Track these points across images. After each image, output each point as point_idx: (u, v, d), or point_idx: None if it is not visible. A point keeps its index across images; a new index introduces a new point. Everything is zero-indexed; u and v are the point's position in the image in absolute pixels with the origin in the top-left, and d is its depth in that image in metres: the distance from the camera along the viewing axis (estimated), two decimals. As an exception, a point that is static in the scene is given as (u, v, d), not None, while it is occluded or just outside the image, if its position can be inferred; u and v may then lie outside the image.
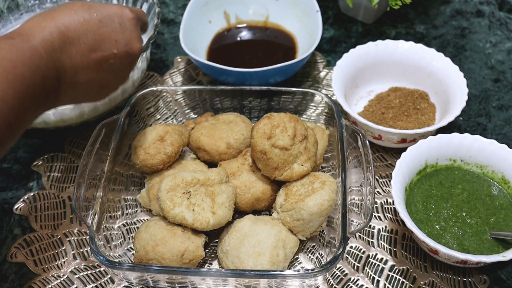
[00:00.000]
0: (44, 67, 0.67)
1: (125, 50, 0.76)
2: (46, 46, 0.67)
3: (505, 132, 1.04)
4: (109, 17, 0.74)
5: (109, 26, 0.74)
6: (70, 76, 0.71)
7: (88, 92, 0.76)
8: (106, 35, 0.73)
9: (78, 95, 0.75)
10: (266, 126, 0.81)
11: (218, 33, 1.20)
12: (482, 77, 1.14)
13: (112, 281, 0.84)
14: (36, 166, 0.99)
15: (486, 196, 0.87)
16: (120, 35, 0.75)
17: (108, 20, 0.74)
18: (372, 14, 1.23)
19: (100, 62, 0.74)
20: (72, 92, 0.73)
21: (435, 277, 0.83)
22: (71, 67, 0.71)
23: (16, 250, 0.88)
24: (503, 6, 1.30)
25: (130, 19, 0.76)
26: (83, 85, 0.74)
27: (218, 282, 0.77)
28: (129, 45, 0.76)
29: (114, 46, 0.74)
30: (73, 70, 0.71)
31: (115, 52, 0.75)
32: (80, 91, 0.74)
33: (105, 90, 0.79)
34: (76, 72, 0.72)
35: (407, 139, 0.96)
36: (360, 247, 0.87)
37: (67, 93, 0.73)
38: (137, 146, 0.89)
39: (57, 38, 0.69)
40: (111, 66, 0.75)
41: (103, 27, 0.73)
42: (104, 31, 0.73)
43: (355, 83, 1.06)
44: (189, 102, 1.03)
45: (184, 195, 0.79)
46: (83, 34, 0.71)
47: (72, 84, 0.72)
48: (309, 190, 0.81)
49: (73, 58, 0.71)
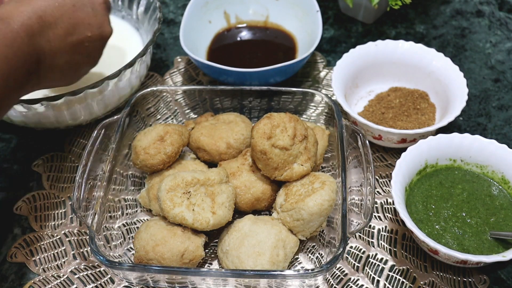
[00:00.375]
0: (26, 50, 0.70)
1: (98, 33, 0.80)
2: (26, 30, 0.70)
3: (505, 132, 1.04)
4: (81, 2, 0.78)
5: (83, 11, 0.78)
6: (49, 59, 0.75)
7: (65, 75, 0.80)
8: (80, 19, 0.77)
9: (55, 78, 0.79)
10: (266, 126, 0.81)
11: (218, 33, 1.20)
12: (482, 77, 1.14)
13: (112, 281, 0.84)
14: (36, 166, 0.99)
15: (486, 196, 0.87)
16: (93, 19, 0.79)
17: (81, 5, 0.78)
18: (372, 14, 1.23)
19: (76, 45, 0.77)
20: (50, 75, 0.77)
21: (435, 277, 0.83)
22: (50, 50, 0.74)
23: (16, 250, 0.88)
24: (503, 6, 1.30)
25: (100, 4, 0.81)
26: (60, 68, 0.77)
27: (218, 282, 0.77)
28: (101, 28, 0.80)
29: (88, 29, 0.78)
30: (52, 53, 0.75)
31: (89, 35, 0.79)
32: (57, 74, 0.78)
33: (78, 73, 0.84)
34: (55, 55, 0.75)
35: (407, 139, 0.96)
36: (360, 247, 0.87)
37: (46, 76, 0.76)
38: (137, 146, 0.89)
39: (35, 22, 0.72)
40: (86, 49, 0.79)
41: (77, 11, 0.77)
42: (78, 15, 0.77)
43: (355, 83, 1.06)
44: (189, 102, 1.03)
45: (184, 195, 0.79)
46: (59, 18, 0.75)
47: (51, 67, 0.76)
48: (309, 190, 0.81)
49: (52, 41, 0.74)
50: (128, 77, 0.98)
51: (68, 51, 0.77)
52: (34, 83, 0.76)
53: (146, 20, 1.11)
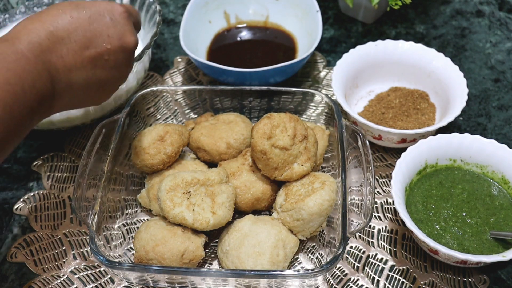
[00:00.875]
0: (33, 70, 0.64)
1: (119, 44, 0.74)
2: (33, 49, 0.65)
3: (505, 132, 1.04)
4: (98, 13, 0.72)
5: (100, 22, 0.72)
6: (64, 76, 0.69)
7: (87, 93, 0.74)
8: (97, 30, 0.72)
9: (76, 97, 0.73)
10: (266, 126, 0.81)
11: (218, 33, 1.20)
12: (482, 77, 1.14)
13: (112, 281, 0.84)
14: (36, 166, 0.99)
15: (486, 196, 0.87)
16: (112, 30, 0.73)
17: (98, 16, 0.72)
18: (372, 14, 1.23)
19: (95, 59, 0.72)
20: (69, 94, 0.71)
21: (435, 277, 0.83)
22: (64, 67, 0.69)
23: (16, 250, 0.88)
24: (503, 6, 1.30)
25: (121, 13, 0.75)
26: (80, 85, 0.72)
27: (218, 282, 0.77)
28: (122, 39, 0.74)
29: (107, 41, 0.72)
30: (66, 70, 0.69)
31: (109, 47, 0.73)
32: (77, 92, 0.72)
33: (105, 90, 0.77)
34: (70, 72, 0.70)
35: (407, 139, 0.96)
36: (360, 247, 0.87)
37: (63, 96, 0.71)
38: (137, 146, 0.89)
39: (45, 39, 0.67)
40: (107, 63, 0.73)
41: (93, 23, 0.71)
42: (95, 27, 0.71)
43: (355, 83, 1.06)
44: (189, 102, 1.03)
45: (184, 195, 0.79)
46: (73, 31, 0.69)
47: (68, 85, 0.70)
48: (309, 190, 0.81)
49: (65, 57, 0.69)
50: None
51: (86, 66, 0.71)
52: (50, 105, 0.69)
53: (146, 22, 1.11)
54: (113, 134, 0.88)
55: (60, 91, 0.69)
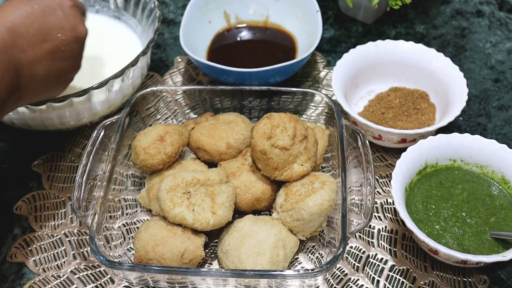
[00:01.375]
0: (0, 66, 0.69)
1: (73, 35, 0.79)
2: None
3: (505, 132, 1.04)
4: (50, 7, 0.77)
5: (53, 15, 0.77)
6: (27, 69, 0.74)
7: (49, 84, 0.79)
8: (51, 23, 0.76)
9: (39, 88, 0.78)
10: (266, 126, 0.81)
11: (218, 33, 1.20)
12: (482, 77, 1.14)
13: (112, 281, 0.84)
14: (36, 166, 0.99)
15: (486, 196, 0.87)
16: (65, 22, 0.78)
17: (50, 10, 0.77)
18: (372, 14, 1.23)
19: (53, 52, 0.76)
20: (33, 86, 0.76)
21: (435, 277, 0.83)
22: (26, 60, 0.73)
23: (16, 250, 0.88)
24: (503, 6, 1.30)
25: (70, 6, 0.79)
26: (42, 77, 0.76)
27: (218, 282, 0.77)
28: (75, 29, 0.79)
29: (62, 33, 0.77)
30: (29, 63, 0.74)
31: (63, 38, 0.77)
32: (40, 84, 0.77)
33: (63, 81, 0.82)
34: (33, 64, 0.74)
35: (407, 139, 0.96)
36: (360, 247, 0.87)
37: (28, 88, 0.75)
38: (137, 146, 0.89)
39: (6, 34, 0.71)
40: (64, 54, 0.78)
41: (47, 16, 0.76)
42: (49, 20, 0.76)
43: (355, 83, 1.06)
44: (189, 102, 1.03)
45: (184, 195, 0.79)
46: (29, 26, 0.74)
47: (32, 77, 0.75)
48: (309, 190, 0.81)
49: (26, 51, 0.73)
50: (132, 75, 0.98)
51: (46, 58, 0.76)
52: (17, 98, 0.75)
53: (144, 19, 1.11)
54: (113, 134, 0.88)
55: (24, 83, 0.74)
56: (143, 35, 1.12)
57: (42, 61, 0.76)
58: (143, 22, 1.12)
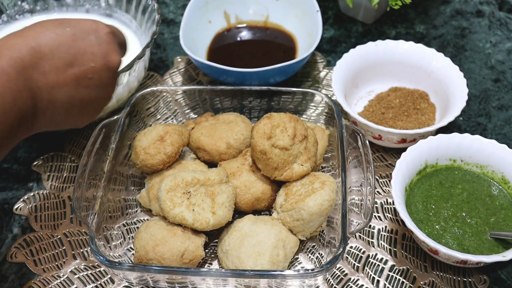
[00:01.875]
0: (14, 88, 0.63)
1: (103, 63, 0.72)
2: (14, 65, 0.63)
3: (505, 132, 1.04)
4: (83, 31, 0.71)
5: (84, 40, 0.70)
6: (46, 94, 0.67)
7: (70, 112, 0.72)
8: (81, 48, 0.70)
9: (58, 115, 0.71)
10: (266, 126, 0.81)
11: (218, 33, 1.20)
12: (482, 77, 1.14)
13: (112, 281, 0.84)
14: (36, 166, 0.99)
15: (486, 196, 0.87)
16: (97, 48, 0.71)
17: (83, 33, 0.71)
18: (372, 14, 1.23)
19: (78, 78, 0.70)
20: (51, 112, 0.69)
21: (435, 277, 0.83)
22: (46, 84, 0.67)
23: (16, 250, 0.88)
24: (503, 6, 1.30)
25: (106, 33, 0.73)
26: (62, 104, 0.70)
27: (218, 282, 0.77)
28: (107, 57, 0.72)
29: (91, 59, 0.71)
30: (48, 88, 0.67)
31: (93, 65, 0.71)
32: (60, 111, 0.70)
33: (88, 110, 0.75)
34: (53, 89, 0.68)
35: (407, 139, 0.96)
36: (360, 247, 0.87)
37: (45, 115, 0.69)
38: (137, 146, 0.89)
39: (27, 55, 0.65)
40: (91, 82, 0.71)
41: (78, 40, 0.70)
42: (79, 44, 0.70)
43: (355, 83, 1.06)
44: (189, 102, 1.03)
45: (184, 195, 0.79)
46: (56, 48, 0.68)
47: (51, 103, 0.68)
48: (309, 190, 0.81)
49: (48, 74, 0.67)
50: (127, 79, 0.98)
51: (69, 84, 0.69)
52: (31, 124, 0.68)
53: (139, 15, 1.11)
54: (113, 134, 0.88)
55: (42, 109, 0.68)
56: (139, 30, 1.11)
57: (64, 86, 0.69)
58: (139, 18, 1.11)
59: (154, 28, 1.01)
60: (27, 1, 1.15)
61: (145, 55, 0.98)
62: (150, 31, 1.05)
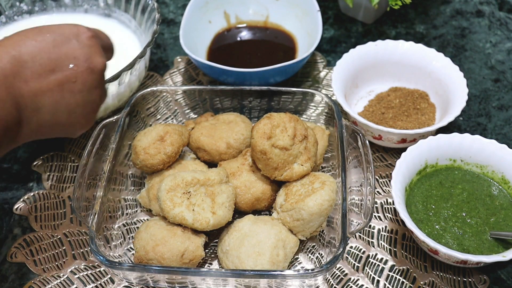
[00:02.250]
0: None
1: (87, 66, 0.71)
2: None
3: (505, 132, 1.04)
4: (64, 36, 0.70)
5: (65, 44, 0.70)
6: (30, 102, 0.66)
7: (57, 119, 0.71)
8: (62, 53, 0.69)
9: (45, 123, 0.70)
10: (266, 126, 0.81)
11: (218, 33, 1.20)
12: (482, 77, 1.14)
13: (112, 281, 0.84)
14: (36, 166, 0.99)
15: (486, 196, 0.87)
16: (79, 52, 0.70)
17: (63, 38, 0.70)
18: (372, 14, 1.23)
19: (62, 83, 0.69)
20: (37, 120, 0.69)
21: (435, 277, 0.83)
22: (29, 91, 0.66)
23: (16, 250, 0.88)
24: (503, 6, 1.30)
25: (88, 37, 0.72)
26: (48, 110, 0.69)
27: (218, 282, 0.77)
28: (89, 60, 0.71)
29: (74, 63, 0.70)
30: (32, 95, 0.67)
31: (76, 69, 0.70)
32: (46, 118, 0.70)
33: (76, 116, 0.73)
34: (36, 96, 0.67)
35: (407, 139, 0.96)
36: (360, 247, 0.87)
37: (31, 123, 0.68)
38: (137, 146, 0.89)
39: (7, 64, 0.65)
40: (75, 86, 0.70)
41: (59, 45, 0.69)
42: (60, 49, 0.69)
43: (355, 83, 1.07)
44: (189, 102, 1.03)
45: (184, 195, 0.79)
46: (37, 55, 0.67)
47: (35, 110, 0.68)
48: (309, 190, 0.81)
49: (30, 81, 0.66)
50: (129, 78, 0.98)
51: (53, 90, 0.68)
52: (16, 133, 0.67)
53: (144, 21, 1.11)
54: (113, 134, 0.88)
55: (27, 118, 0.67)
56: (139, 29, 1.11)
57: (48, 92, 0.68)
58: (138, 17, 1.11)
59: (155, 27, 1.01)
60: (25, 2, 1.15)
61: (146, 54, 0.98)
62: (150, 30, 1.05)
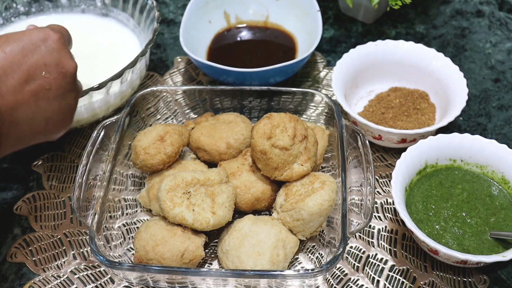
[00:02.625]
0: None
1: (58, 71, 0.71)
2: None
3: (505, 132, 1.04)
4: (31, 43, 0.70)
5: (34, 52, 0.69)
6: (7, 116, 0.66)
7: (35, 128, 0.71)
8: (33, 62, 0.69)
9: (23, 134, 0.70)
10: (266, 126, 0.81)
11: (218, 33, 1.20)
12: (482, 77, 1.14)
13: (112, 281, 0.84)
14: (36, 166, 0.99)
15: (486, 196, 0.87)
16: (48, 58, 0.70)
17: (32, 46, 0.69)
18: (372, 14, 1.23)
19: (36, 92, 0.69)
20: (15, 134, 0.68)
21: (435, 277, 0.83)
22: (6, 106, 0.66)
23: (16, 250, 0.88)
24: (503, 6, 1.30)
25: (55, 40, 0.72)
26: (26, 122, 0.69)
27: (218, 282, 0.77)
28: (60, 65, 0.71)
29: (46, 70, 0.70)
30: (8, 109, 0.66)
31: (48, 76, 0.70)
32: (24, 129, 0.69)
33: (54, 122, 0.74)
34: (13, 110, 0.67)
35: (407, 139, 0.96)
36: (360, 247, 0.87)
37: (9, 137, 0.68)
38: (137, 146, 0.89)
39: None
40: (50, 93, 0.70)
41: (28, 55, 0.69)
42: (30, 58, 0.69)
43: (355, 83, 1.07)
44: (189, 102, 1.03)
45: (184, 195, 0.79)
46: (8, 68, 0.67)
47: (13, 124, 0.67)
48: (309, 190, 0.81)
49: (5, 95, 0.66)
50: (130, 77, 0.98)
51: (29, 100, 0.68)
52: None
53: (143, 20, 1.11)
54: (113, 134, 0.88)
55: (5, 133, 0.67)
56: (137, 28, 1.11)
57: (24, 104, 0.67)
58: (136, 16, 1.11)
59: (155, 25, 1.01)
60: (22, 3, 1.14)
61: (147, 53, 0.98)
62: (150, 28, 1.04)
